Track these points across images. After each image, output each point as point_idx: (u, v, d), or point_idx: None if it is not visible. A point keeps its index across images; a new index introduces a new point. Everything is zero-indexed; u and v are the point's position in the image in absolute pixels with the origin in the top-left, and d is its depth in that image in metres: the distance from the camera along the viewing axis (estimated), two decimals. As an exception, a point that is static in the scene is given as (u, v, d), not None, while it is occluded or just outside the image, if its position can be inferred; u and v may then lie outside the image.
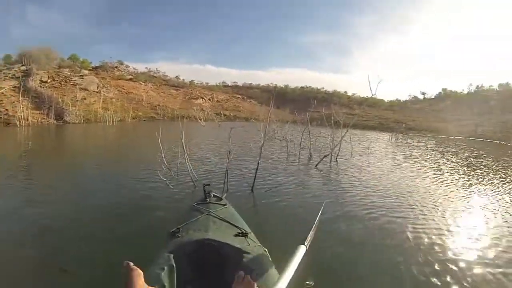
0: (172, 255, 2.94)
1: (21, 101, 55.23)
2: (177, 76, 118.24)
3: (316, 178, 12.45)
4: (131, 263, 1.54)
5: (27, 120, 53.48)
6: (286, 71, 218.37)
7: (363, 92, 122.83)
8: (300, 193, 9.86)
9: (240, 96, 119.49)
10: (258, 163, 10.20)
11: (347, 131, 15.92)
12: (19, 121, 51.61)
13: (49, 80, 77.90)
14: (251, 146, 19.27)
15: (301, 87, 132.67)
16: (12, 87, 64.75)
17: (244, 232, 3.66)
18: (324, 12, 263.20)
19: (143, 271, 1.53)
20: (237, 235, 3.58)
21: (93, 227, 6.85)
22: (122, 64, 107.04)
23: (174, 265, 2.84)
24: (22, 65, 78.77)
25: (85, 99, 72.61)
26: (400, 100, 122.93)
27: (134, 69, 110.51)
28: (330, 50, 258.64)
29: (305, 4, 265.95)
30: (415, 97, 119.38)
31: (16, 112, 53.39)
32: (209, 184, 5.25)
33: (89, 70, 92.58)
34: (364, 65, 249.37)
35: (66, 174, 13.43)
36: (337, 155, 16.90)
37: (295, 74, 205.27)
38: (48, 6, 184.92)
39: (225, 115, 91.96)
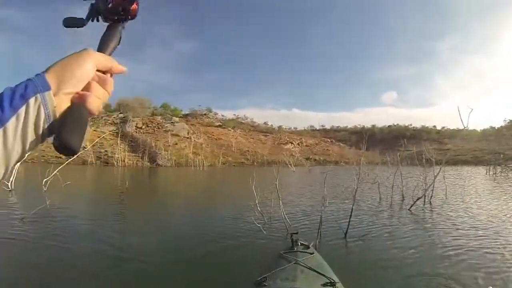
0: None
1: (119, 144, 57.47)
2: (265, 122, 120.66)
3: (410, 224, 11.46)
4: None
5: (124, 161, 56.57)
6: (372, 110, 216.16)
7: (452, 123, 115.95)
8: (394, 241, 9.15)
9: (328, 140, 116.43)
10: (352, 209, 9.85)
11: (440, 169, 15.01)
12: (117, 162, 55.17)
13: (143, 126, 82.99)
14: (343, 190, 18.89)
15: (388, 126, 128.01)
16: (112, 132, 68.79)
17: (333, 281, 3.57)
18: (404, 42, 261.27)
19: None
20: (325, 284, 3.52)
21: (175, 267, 6.87)
22: (210, 111, 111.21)
23: None
24: (120, 113, 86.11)
25: (176, 144, 74.92)
26: (494, 127, 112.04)
27: (223, 116, 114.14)
28: (413, 82, 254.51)
29: (385, 36, 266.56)
30: (510, 121, 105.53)
31: (115, 153, 57.42)
32: (296, 233, 5.21)
33: (180, 117, 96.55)
34: (449, 94, 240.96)
35: (156, 213, 14.11)
36: (431, 196, 15.82)
37: (381, 113, 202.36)
38: (141, 61, 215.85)
39: (314, 159, 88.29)
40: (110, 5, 0.79)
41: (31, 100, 0.54)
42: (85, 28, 0.80)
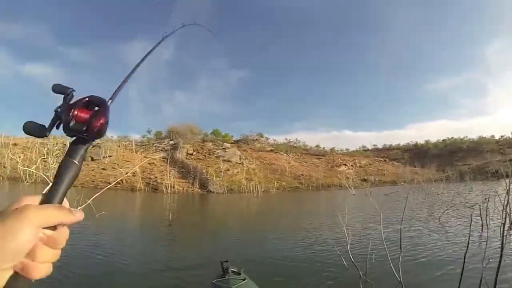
0: None
1: (168, 171, 58.01)
2: (317, 145, 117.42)
3: None
4: None
5: (173, 187, 56.05)
6: (424, 125, 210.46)
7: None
8: None
9: (382, 159, 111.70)
10: (500, 262, 5.81)
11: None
12: (166, 188, 54.74)
13: (194, 153, 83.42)
14: (426, 216, 15.37)
15: (443, 140, 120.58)
16: (162, 158, 70.53)
17: None
18: (447, 51, 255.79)
19: None
20: None
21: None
22: (262, 136, 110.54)
23: None
24: (171, 140, 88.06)
25: (228, 170, 73.87)
26: None
27: (274, 140, 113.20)
28: (463, 92, 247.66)
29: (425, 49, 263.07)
30: None
31: (164, 180, 57.26)
32: (226, 261, 5.16)
33: (231, 143, 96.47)
34: (503, 100, 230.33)
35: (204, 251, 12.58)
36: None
37: (433, 127, 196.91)
38: (192, 91, 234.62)
39: (370, 180, 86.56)
40: (72, 123, 0.66)
41: None
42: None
